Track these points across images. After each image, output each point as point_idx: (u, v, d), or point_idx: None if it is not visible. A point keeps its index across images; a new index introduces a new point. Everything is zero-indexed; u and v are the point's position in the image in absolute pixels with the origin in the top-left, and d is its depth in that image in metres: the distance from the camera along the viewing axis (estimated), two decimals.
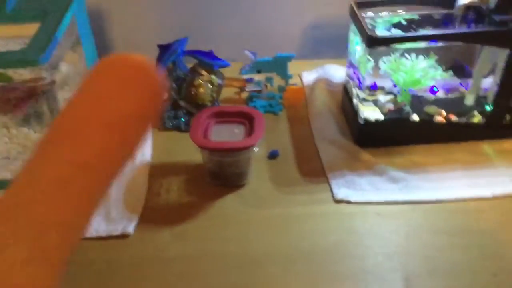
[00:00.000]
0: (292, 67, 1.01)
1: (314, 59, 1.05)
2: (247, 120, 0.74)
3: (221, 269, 0.63)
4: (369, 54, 0.73)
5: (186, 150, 0.78)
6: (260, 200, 0.73)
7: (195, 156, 0.75)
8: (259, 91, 0.92)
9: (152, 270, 0.63)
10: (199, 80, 0.84)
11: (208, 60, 0.83)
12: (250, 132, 0.72)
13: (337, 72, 0.98)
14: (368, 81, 0.78)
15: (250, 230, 0.68)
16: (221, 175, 0.74)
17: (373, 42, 0.69)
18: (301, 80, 0.99)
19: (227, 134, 0.73)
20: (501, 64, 0.73)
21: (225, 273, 0.62)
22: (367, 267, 0.62)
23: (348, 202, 0.72)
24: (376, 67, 0.79)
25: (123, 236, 0.67)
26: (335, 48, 1.04)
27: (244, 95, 0.94)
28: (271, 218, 0.70)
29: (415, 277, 0.61)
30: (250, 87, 0.93)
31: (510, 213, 0.69)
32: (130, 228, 0.67)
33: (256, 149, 0.73)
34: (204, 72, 0.85)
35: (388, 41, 0.70)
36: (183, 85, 0.85)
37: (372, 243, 0.66)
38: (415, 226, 0.68)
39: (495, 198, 0.71)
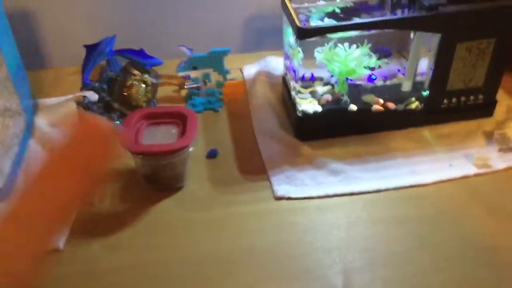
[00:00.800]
0: (233, 61, 0.98)
1: (256, 51, 1.03)
2: (180, 120, 0.71)
3: (158, 278, 0.60)
4: (302, 45, 0.71)
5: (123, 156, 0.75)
6: (199, 202, 0.70)
7: (130, 160, 0.71)
8: (198, 88, 0.89)
9: (85, 286, 0.60)
10: (132, 80, 0.81)
11: (139, 59, 0.80)
12: (183, 132, 0.69)
13: (278, 64, 0.96)
14: (301, 73, 0.76)
15: (188, 235, 0.65)
16: (156, 179, 0.71)
17: (302, 34, 0.67)
18: (242, 74, 0.97)
19: (160, 136, 0.70)
20: (433, 48, 0.73)
21: (162, 282, 0.60)
22: (307, 264, 0.61)
23: (289, 199, 0.70)
24: (313, 58, 0.77)
25: (53, 251, 0.63)
26: (278, 39, 1.01)
27: (184, 93, 0.91)
28: (210, 221, 0.67)
29: (354, 271, 0.60)
30: (188, 85, 0.90)
31: (449, 198, 0.69)
32: (60, 243, 0.64)
33: (191, 149, 0.70)
34: (136, 72, 0.81)
35: (317, 32, 0.68)
36: (115, 86, 0.81)
37: (313, 239, 0.64)
38: (355, 218, 0.67)
39: (435, 184, 0.71)
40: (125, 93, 0.81)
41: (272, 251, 0.63)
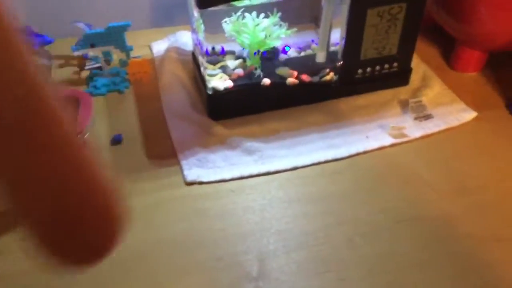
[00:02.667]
0: (141, 37, 0.91)
1: (166, 26, 0.96)
2: (73, 105, 0.63)
3: (51, 283, 0.53)
4: (205, 16, 0.65)
5: None
6: None
7: None
8: (99, 68, 0.81)
9: None
10: None
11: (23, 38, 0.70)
12: (76, 118, 0.62)
13: (190, 39, 0.89)
14: (205, 47, 0.70)
15: None
16: None
17: (203, 3, 0.61)
18: (151, 51, 0.89)
19: None
20: (344, 14, 0.70)
21: (59, 286, 0.53)
22: (219, 253, 0.56)
23: (201, 183, 0.65)
24: (222, 31, 0.72)
25: None
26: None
27: (85, 74, 0.83)
28: None
29: (269, 255, 0.56)
30: (89, 65, 0.82)
31: (366, 171, 0.67)
32: None
33: (86, 135, 0.63)
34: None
35: (219, 0, 0.62)
36: None
37: (225, 224, 0.60)
38: (270, 199, 0.63)
39: (351, 157, 0.68)
40: None
41: (182, 242, 0.58)
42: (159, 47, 0.89)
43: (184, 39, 0.90)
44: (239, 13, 0.69)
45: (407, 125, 0.72)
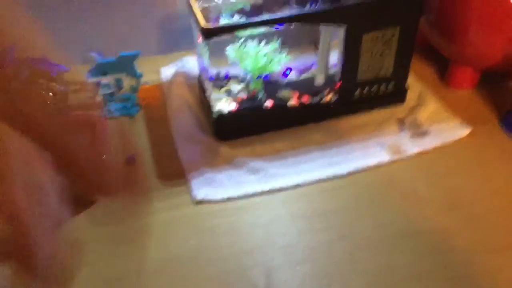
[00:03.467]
0: (150, 64, 0.96)
1: (173, 52, 1.01)
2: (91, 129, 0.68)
3: None
4: (209, 45, 0.70)
5: None
6: (113, 215, 0.67)
7: None
8: (112, 94, 0.86)
9: None
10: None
11: (42, 68, 0.75)
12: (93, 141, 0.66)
13: (196, 64, 0.94)
14: (210, 73, 0.75)
15: (103, 251, 0.63)
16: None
17: (206, 34, 0.66)
18: (160, 76, 0.94)
19: None
20: (341, 40, 0.74)
21: None
22: (227, 267, 0.60)
23: (209, 202, 0.69)
24: (226, 56, 0.76)
25: None
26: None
27: (98, 99, 0.87)
28: (125, 234, 0.64)
29: (275, 269, 0.59)
30: (102, 91, 0.86)
31: (365, 187, 0.70)
32: None
33: (103, 157, 0.67)
34: (41, 81, 0.76)
35: (222, 31, 0.67)
36: None
37: (232, 241, 0.63)
38: (274, 216, 0.66)
39: (351, 174, 0.72)
40: None
41: (192, 258, 0.62)
42: (167, 72, 0.94)
43: (191, 64, 0.94)
44: (241, 41, 0.74)
45: (404, 143, 0.75)
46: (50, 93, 0.81)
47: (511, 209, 0.66)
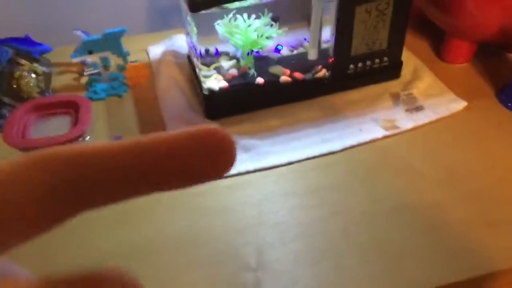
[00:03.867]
0: (137, 42, 0.93)
1: (162, 30, 0.98)
2: (73, 109, 0.66)
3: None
4: (197, 19, 0.67)
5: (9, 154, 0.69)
6: None
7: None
8: (98, 74, 0.83)
9: None
10: (19, 71, 0.74)
11: (25, 47, 0.73)
12: (77, 122, 0.64)
13: (185, 42, 0.91)
14: (199, 49, 0.73)
15: (88, 234, 0.61)
16: None
17: (194, 7, 0.64)
18: (148, 55, 0.91)
19: (52, 129, 0.64)
20: (333, 13, 0.72)
21: None
22: (219, 247, 0.59)
23: None
24: (215, 33, 0.74)
25: None
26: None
27: (84, 80, 0.85)
28: (112, 216, 0.63)
29: (268, 247, 0.58)
30: (88, 71, 0.84)
31: (359, 163, 0.69)
32: None
33: (87, 138, 0.65)
34: (24, 62, 0.74)
35: (210, 3, 0.64)
36: (3, 79, 0.74)
37: (225, 220, 0.62)
38: (266, 194, 0.65)
39: (345, 150, 0.70)
40: (14, 86, 0.74)
41: (181, 239, 0.60)
42: (156, 51, 0.92)
43: (180, 42, 0.92)
44: (230, 15, 0.72)
45: (399, 117, 0.73)
46: (33, 75, 0.79)
47: (508, 182, 0.65)
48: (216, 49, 0.78)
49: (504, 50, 0.86)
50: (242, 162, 0.68)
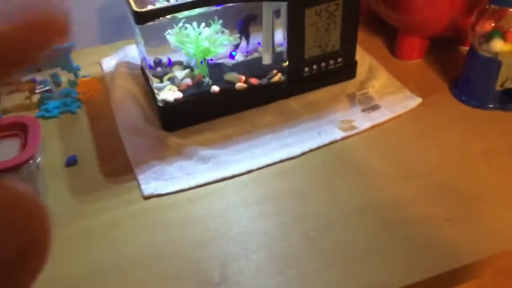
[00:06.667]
0: (91, 55, 0.91)
1: (115, 42, 0.96)
2: (21, 131, 0.63)
3: None
4: (145, 30, 0.66)
5: None
6: (57, 218, 0.63)
7: None
8: (49, 91, 0.81)
9: None
10: None
11: None
12: (25, 144, 0.61)
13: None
14: (149, 60, 0.71)
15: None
16: None
17: (140, 18, 0.62)
18: (102, 67, 0.89)
19: None
20: (283, 16, 0.71)
21: None
22: (180, 263, 0.57)
23: (159, 196, 0.65)
24: (167, 43, 0.73)
25: None
26: None
27: (35, 98, 0.82)
28: (70, 237, 0.61)
29: (230, 260, 0.57)
30: (39, 88, 0.81)
31: (319, 166, 0.68)
32: None
33: (38, 160, 0.63)
34: None
35: (156, 14, 0.63)
36: None
37: (185, 234, 0.61)
38: (227, 204, 0.64)
39: (304, 154, 0.70)
40: None
41: (143, 256, 0.58)
42: (109, 63, 0.89)
43: (133, 53, 0.90)
44: (180, 24, 0.70)
45: (356, 118, 0.74)
46: None
47: (465, 177, 0.65)
48: (169, 59, 0.77)
49: (456, 44, 0.87)
50: (202, 174, 0.67)
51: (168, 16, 0.66)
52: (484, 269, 0.58)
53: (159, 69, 0.76)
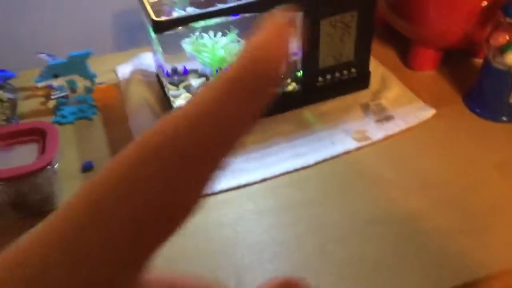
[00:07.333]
0: (107, 62, 0.92)
1: (130, 49, 0.97)
2: (39, 136, 0.64)
3: None
4: (162, 39, 0.67)
5: None
6: None
7: None
8: (66, 97, 0.82)
9: None
10: None
11: None
12: (44, 149, 0.62)
13: (153, 61, 0.90)
14: (166, 68, 0.72)
15: None
16: (22, 205, 0.63)
17: (159, 28, 0.63)
18: (117, 75, 0.90)
19: (18, 158, 0.62)
20: (299, 27, 0.72)
21: None
22: (194, 271, 0.58)
23: None
24: (182, 51, 0.73)
25: None
26: None
27: (52, 104, 0.83)
28: None
29: (245, 269, 0.57)
30: (55, 94, 0.82)
31: (333, 177, 0.69)
32: None
33: (56, 166, 0.63)
34: None
35: (174, 24, 0.64)
36: None
37: (198, 242, 0.61)
38: (241, 213, 0.64)
39: (318, 164, 0.70)
40: None
41: (155, 262, 0.59)
42: (124, 70, 0.90)
43: (148, 60, 0.91)
44: (197, 33, 0.71)
45: (370, 128, 0.74)
46: None
47: (479, 189, 0.65)
48: (184, 67, 0.77)
49: (470, 55, 0.88)
50: (215, 181, 0.68)
51: (186, 25, 0.66)
52: (498, 283, 0.58)
53: (175, 77, 0.77)
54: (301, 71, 0.76)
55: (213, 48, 0.71)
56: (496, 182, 0.67)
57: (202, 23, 0.68)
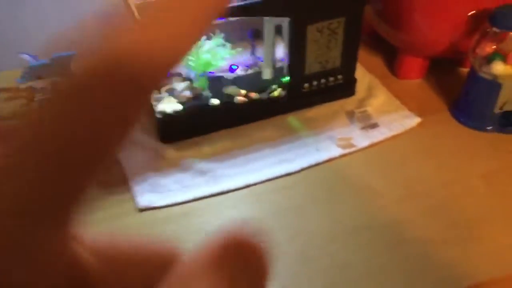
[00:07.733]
0: None
1: None
2: None
3: None
4: None
5: None
6: None
7: None
8: None
9: None
10: None
11: None
12: None
13: None
14: None
15: None
16: None
17: None
18: None
19: None
20: (285, 32, 0.71)
21: None
22: None
23: (153, 208, 0.65)
24: None
25: None
26: None
27: (34, 105, 0.81)
28: None
29: None
30: (39, 96, 0.80)
31: (318, 184, 0.68)
32: None
33: None
34: None
35: None
36: None
37: (181, 248, 0.60)
38: (223, 219, 0.63)
39: (303, 170, 0.69)
40: None
41: None
42: None
43: None
44: None
45: (355, 135, 0.73)
46: None
47: (463, 198, 0.65)
48: None
49: (457, 65, 0.88)
50: (198, 187, 0.66)
51: None
52: None
53: None
54: (287, 77, 0.75)
55: (198, 52, 0.70)
56: (481, 191, 0.66)
57: None
